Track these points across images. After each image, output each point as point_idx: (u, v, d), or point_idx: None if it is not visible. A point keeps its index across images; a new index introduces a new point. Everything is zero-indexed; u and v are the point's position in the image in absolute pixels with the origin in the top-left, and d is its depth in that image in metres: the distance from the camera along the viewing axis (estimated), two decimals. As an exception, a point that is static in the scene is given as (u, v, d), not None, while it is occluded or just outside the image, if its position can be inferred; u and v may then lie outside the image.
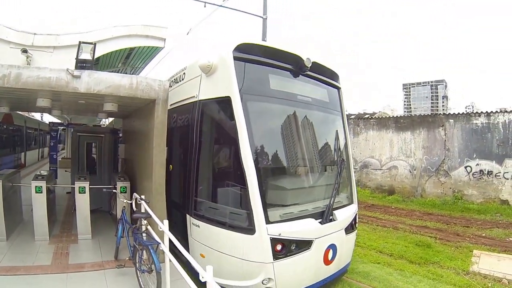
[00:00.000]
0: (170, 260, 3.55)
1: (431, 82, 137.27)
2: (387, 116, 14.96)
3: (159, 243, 3.78)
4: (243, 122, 4.06)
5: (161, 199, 5.12)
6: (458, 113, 12.22)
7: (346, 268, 5.33)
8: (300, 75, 4.91)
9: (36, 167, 15.13)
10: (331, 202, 4.62)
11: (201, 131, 4.80)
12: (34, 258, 4.89)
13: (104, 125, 17.65)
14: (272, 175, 4.49)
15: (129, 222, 4.81)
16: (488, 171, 11.28)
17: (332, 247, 4.53)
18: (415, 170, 12.83)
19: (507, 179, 10.91)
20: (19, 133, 15.59)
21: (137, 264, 4.12)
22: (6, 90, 4.32)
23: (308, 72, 4.93)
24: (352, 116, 17.69)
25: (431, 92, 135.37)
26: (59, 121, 18.42)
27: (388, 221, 9.74)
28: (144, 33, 8.41)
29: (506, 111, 11.28)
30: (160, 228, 3.89)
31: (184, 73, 5.61)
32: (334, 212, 4.72)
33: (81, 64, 4.64)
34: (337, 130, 5.58)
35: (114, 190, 5.91)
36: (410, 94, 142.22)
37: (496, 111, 11.50)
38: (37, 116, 23.52)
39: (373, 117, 15.38)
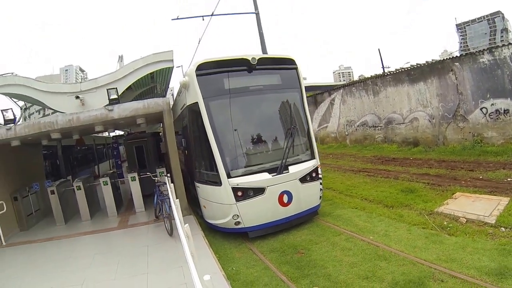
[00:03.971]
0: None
1: (487, 16, 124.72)
2: (400, 71, 15.97)
3: (169, 198, 6.83)
4: (206, 117, 6.95)
5: (178, 173, 8.59)
6: (462, 54, 12.74)
7: (314, 210, 7.84)
8: (252, 71, 7.48)
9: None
10: (284, 160, 7.14)
11: (191, 126, 7.77)
12: (107, 225, 8.79)
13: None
14: (232, 147, 7.16)
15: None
16: (504, 110, 11.56)
17: (287, 192, 7.11)
18: (433, 119, 13.90)
19: (526, 115, 10.96)
20: (91, 150, 20.95)
21: (163, 214, 7.38)
22: (74, 127, 7.87)
23: (258, 67, 7.46)
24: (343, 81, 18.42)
25: (489, 28, 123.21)
26: (121, 132, 23.33)
27: (393, 172, 11.45)
28: (156, 59, 11.85)
29: (510, 44, 11.34)
30: (171, 190, 6.94)
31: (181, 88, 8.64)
32: (289, 167, 7.27)
33: (112, 102, 7.96)
34: (292, 103, 8.02)
35: (154, 177, 9.34)
36: (466, 34, 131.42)
37: (498, 46, 11.63)
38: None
39: (388, 73, 16.47)
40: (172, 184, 7.21)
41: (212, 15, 12.10)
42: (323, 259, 5.75)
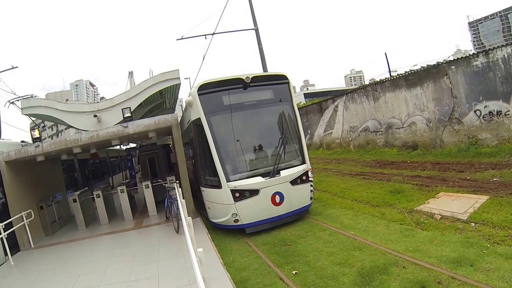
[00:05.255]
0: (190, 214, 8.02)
1: (500, 12, 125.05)
2: (398, 76, 17.12)
3: (177, 200, 8.25)
4: (208, 130, 8.43)
5: (185, 179, 10.05)
6: (458, 58, 13.68)
7: (305, 209, 9.18)
8: (247, 88, 8.95)
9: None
10: (276, 166, 8.54)
11: (196, 138, 9.25)
12: (124, 226, 10.41)
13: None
14: (231, 155, 8.64)
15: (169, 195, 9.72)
16: (497, 111, 12.28)
17: (278, 193, 8.48)
18: (430, 122, 14.89)
19: (517, 116, 11.60)
20: (104, 163, 22.86)
21: (172, 215, 8.89)
22: (94, 142, 9.48)
23: (252, 84, 8.94)
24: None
25: (502, 24, 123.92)
26: (134, 145, 25.18)
27: (388, 175, 12.51)
28: (164, 78, 13.64)
29: (503, 45, 12.12)
30: (179, 193, 8.36)
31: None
32: (281, 171, 8.63)
33: (126, 119, 9.54)
34: (284, 114, 9.44)
35: (165, 184, 10.82)
36: (479, 32, 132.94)
37: (494, 47, 12.41)
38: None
39: (387, 79, 17.65)
40: (180, 188, 8.71)
41: (213, 33, 13.69)
42: (306, 250, 7.01)
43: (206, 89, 8.75)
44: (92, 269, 7.33)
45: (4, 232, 8.46)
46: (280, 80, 9.55)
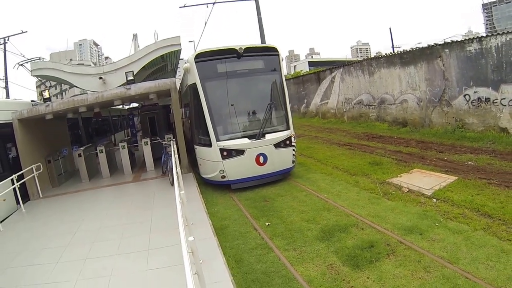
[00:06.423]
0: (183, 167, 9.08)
1: None
2: (393, 54, 17.59)
3: (171, 155, 9.25)
4: (202, 94, 9.38)
5: (181, 138, 11.18)
6: (452, 41, 13.90)
7: (287, 171, 10.21)
8: (240, 58, 9.77)
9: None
10: (261, 129, 9.56)
11: (192, 101, 10.21)
12: (123, 180, 11.56)
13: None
14: (221, 118, 9.67)
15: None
16: (485, 98, 12.37)
17: (262, 155, 9.53)
18: (421, 102, 15.44)
19: (505, 105, 11.75)
20: (107, 122, 23.95)
21: (168, 169, 9.99)
22: (99, 102, 10.43)
23: (245, 54, 9.75)
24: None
25: None
26: (136, 104, 26.15)
27: (372, 148, 13.31)
28: (165, 44, 14.46)
29: (498, 34, 12.20)
30: (174, 150, 9.41)
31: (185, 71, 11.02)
32: (266, 134, 9.63)
33: (129, 82, 10.44)
34: (272, 84, 10.33)
35: (162, 141, 11.86)
36: (492, 15, 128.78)
37: (488, 35, 12.60)
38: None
39: (382, 56, 18.06)
40: (176, 146, 9.74)
41: (215, 2, 14.24)
42: (282, 207, 8.09)
43: (202, 57, 9.60)
44: (94, 215, 8.50)
45: (17, 182, 9.50)
46: (271, 52, 10.32)
